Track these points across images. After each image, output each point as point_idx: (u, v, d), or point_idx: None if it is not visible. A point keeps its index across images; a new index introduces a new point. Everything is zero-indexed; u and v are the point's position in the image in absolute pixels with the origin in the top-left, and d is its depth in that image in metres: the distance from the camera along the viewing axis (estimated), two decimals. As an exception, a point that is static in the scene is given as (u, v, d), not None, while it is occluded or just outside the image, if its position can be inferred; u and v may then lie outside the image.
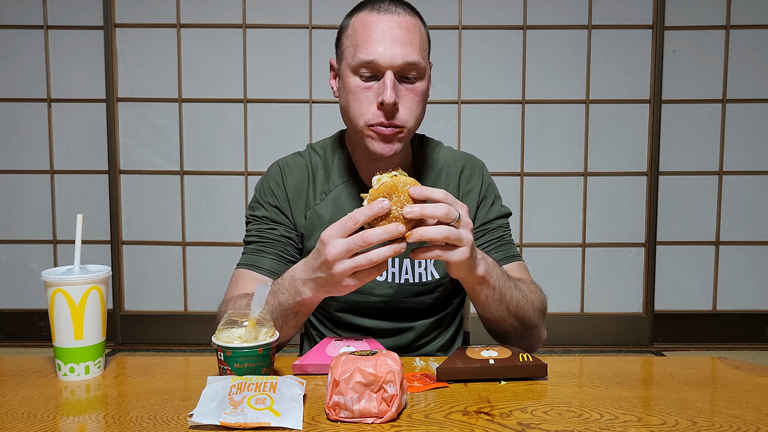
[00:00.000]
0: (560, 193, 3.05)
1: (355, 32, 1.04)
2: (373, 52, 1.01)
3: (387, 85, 1.01)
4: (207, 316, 3.02)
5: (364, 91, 1.03)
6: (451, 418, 0.79)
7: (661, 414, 0.81)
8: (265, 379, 0.80)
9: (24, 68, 3.00)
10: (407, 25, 1.02)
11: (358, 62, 1.02)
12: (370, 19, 1.02)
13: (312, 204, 1.16)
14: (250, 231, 1.17)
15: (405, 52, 1.01)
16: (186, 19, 2.98)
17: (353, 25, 1.05)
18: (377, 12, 1.03)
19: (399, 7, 1.04)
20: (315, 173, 1.18)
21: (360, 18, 1.04)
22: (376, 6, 1.04)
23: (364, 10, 1.05)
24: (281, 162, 1.21)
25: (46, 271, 0.94)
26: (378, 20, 1.02)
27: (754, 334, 3.08)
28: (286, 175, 1.17)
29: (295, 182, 1.17)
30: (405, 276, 1.15)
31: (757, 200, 3.05)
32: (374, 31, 1.01)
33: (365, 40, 1.01)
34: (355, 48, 1.03)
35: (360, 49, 1.02)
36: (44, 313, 2.98)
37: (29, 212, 3.06)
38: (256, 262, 1.13)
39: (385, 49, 1.00)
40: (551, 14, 2.97)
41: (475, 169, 1.22)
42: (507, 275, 1.04)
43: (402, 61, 1.01)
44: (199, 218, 3.06)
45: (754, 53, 2.98)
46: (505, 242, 1.18)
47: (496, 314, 1.03)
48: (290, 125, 3.02)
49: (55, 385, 0.92)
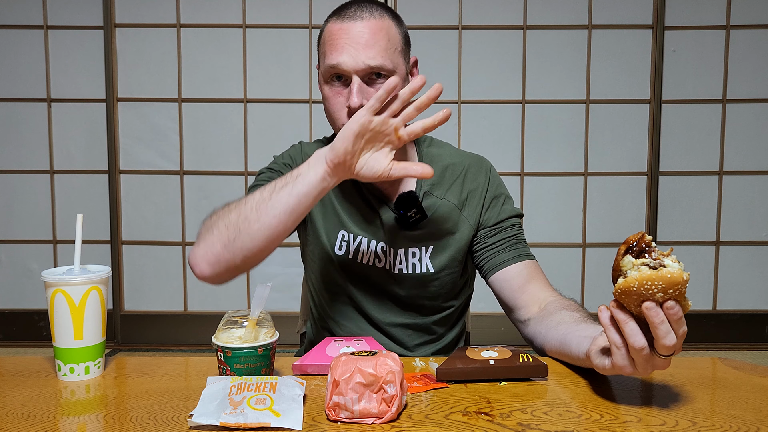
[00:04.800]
0: (560, 193, 3.05)
1: (324, 42, 1.09)
2: (337, 58, 1.05)
3: (352, 90, 1.05)
4: (207, 316, 3.02)
5: (336, 97, 1.09)
6: (451, 419, 0.79)
7: (661, 414, 0.81)
8: (265, 380, 0.80)
9: (24, 68, 3.00)
10: (371, 29, 1.06)
11: (325, 69, 1.08)
12: (335, 27, 1.07)
13: None
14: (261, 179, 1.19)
15: (367, 55, 1.04)
16: (186, 19, 2.98)
17: (323, 34, 1.11)
18: (341, 20, 1.07)
19: (365, 12, 1.07)
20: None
21: (328, 27, 1.09)
22: (342, 13, 1.09)
23: (332, 19, 1.10)
24: (304, 142, 1.27)
25: (46, 271, 0.94)
26: (342, 28, 1.06)
27: (754, 334, 3.08)
28: (305, 151, 1.22)
29: None
30: (399, 266, 1.16)
31: (757, 200, 3.05)
32: (338, 39, 1.06)
33: (331, 47, 1.07)
34: (324, 56, 1.09)
35: (327, 57, 1.07)
36: (44, 313, 2.98)
37: (29, 212, 3.06)
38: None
39: (348, 55, 1.05)
40: (551, 14, 2.97)
41: (481, 169, 1.22)
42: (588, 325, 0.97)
43: (364, 65, 1.05)
44: (199, 218, 3.04)
45: (754, 53, 2.98)
46: (518, 241, 1.18)
47: None
48: (290, 125, 3.02)
49: (55, 386, 0.92)
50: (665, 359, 0.76)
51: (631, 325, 0.74)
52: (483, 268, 1.18)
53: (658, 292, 0.70)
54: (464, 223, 1.18)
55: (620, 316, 0.75)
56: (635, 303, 0.72)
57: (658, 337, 0.73)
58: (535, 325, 1.07)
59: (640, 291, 0.71)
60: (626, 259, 0.73)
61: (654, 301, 0.71)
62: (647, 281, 0.70)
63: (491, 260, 1.16)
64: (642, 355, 0.75)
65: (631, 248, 0.74)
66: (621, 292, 0.72)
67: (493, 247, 1.17)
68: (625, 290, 0.72)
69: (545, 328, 1.03)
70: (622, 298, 0.73)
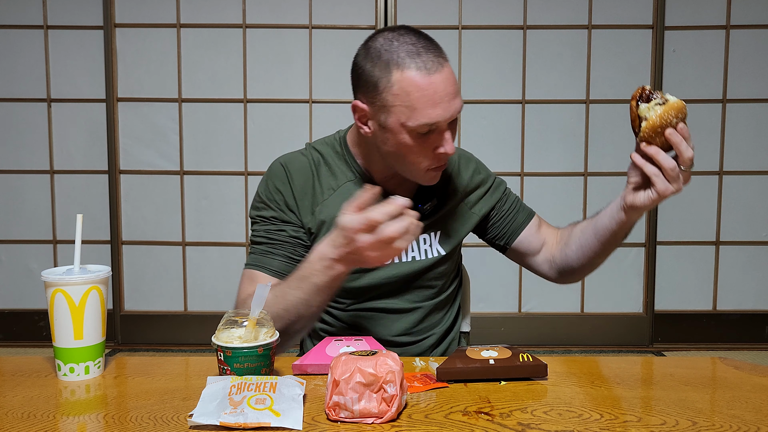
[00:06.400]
0: (560, 193, 3.05)
1: (407, 95, 1.02)
2: (435, 116, 1.02)
3: (447, 139, 1.06)
4: (207, 316, 3.02)
5: (422, 144, 1.06)
6: (451, 418, 0.79)
7: (661, 414, 0.81)
8: (265, 379, 0.80)
9: (24, 68, 3.00)
10: (451, 75, 1.04)
11: (419, 125, 1.03)
12: (423, 83, 1.01)
13: (320, 200, 1.17)
14: (258, 231, 1.18)
15: (456, 105, 1.05)
16: (186, 19, 2.98)
17: (402, 85, 1.02)
18: (427, 73, 1.01)
19: (439, 56, 1.04)
20: (318, 170, 1.19)
21: (409, 79, 1.02)
22: (423, 64, 1.02)
23: (410, 70, 1.02)
24: (283, 160, 1.21)
25: (46, 271, 0.94)
26: (431, 82, 1.01)
27: (754, 334, 3.08)
28: (291, 173, 1.18)
29: (301, 180, 1.18)
30: (411, 254, 1.20)
31: (757, 200, 3.05)
32: (432, 95, 1.02)
33: (424, 105, 1.02)
34: (411, 110, 1.03)
35: (420, 114, 1.02)
36: (44, 313, 2.96)
37: (29, 212, 3.06)
38: (265, 263, 1.14)
39: (444, 110, 1.03)
40: (551, 14, 2.97)
41: (468, 158, 1.30)
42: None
43: (456, 112, 1.05)
44: (199, 218, 3.06)
45: (754, 53, 2.98)
46: (520, 203, 1.32)
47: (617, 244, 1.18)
48: (290, 125, 3.02)
49: (55, 385, 0.92)
50: (687, 173, 0.98)
51: (662, 154, 0.97)
52: (504, 236, 1.29)
53: (673, 118, 0.94)
54: (464, 208, 1.26)
55: (651, 150, 0.97)
56: (659, 135, 0.95)
57: (681, 152, 0.96)
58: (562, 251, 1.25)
59: (662, 123, 0.94)
60: (642, 106, 0.96)
61: (672, 126, 0.94)
62: (664, 114, 0.94)
63: (511, 226, 1.29)
64: (674, 174, 0.97)
65: (641, 98, 0.97)
66: (649, 130, 0.95)
67: (507, 216, 1.29)
68: (651, 127, 0.95)
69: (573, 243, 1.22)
70: (649, 136, 0.96)
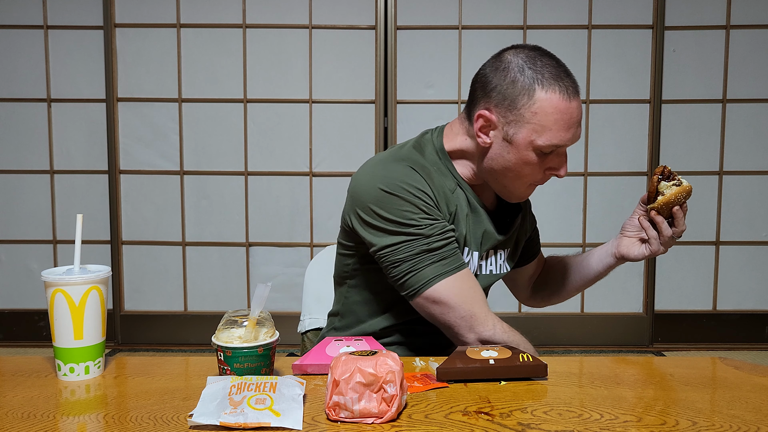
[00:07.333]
0: (560, 193, 3.05)
1: (546, 115, 1.06)
2: (564, 139, 1.08)
3: (564, 162, 1.13)
4: (207, 316, 3.02)
5: (539, 163, 1.10)
6: (451, 418, 0.79)
7: (661, 414, 0.81)
8: (265, 379, 0.80)
9: (24, 68, 3.00)
10: (581, 104, 1.10)
11: (547, 144, 1.07)
12: (564, 106, 1.06)
13: (450, 197, 1.14)
14: (434, 229, 1.08)
15: (581, 131, 1.12)
16: (186, 19, 2.98)
17: (543, 105, 1.05)
18: (568, 98, 1.06)
19: (575, 83, 1.09)
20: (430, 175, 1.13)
21: (551, 101, 1.05)
22: (565, 89, 1.06)
23: (554, 92, 1.06)
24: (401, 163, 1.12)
25: (46, 271, 0.94)
26: (569, 108, 1.07)
27: (754, 334, 3.08)
28: (421, 174, 1.11)
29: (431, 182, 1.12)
30: (489, 267, 1.24)
31: (757, 200, 3.05)
32: (568, 120, 1.07)
33: (559, 127, 1.07)
34: (544, 129, 1.06)
35: (552, 134, 1.07)
36: (44, 313, 2.97)
37: (29, 212, 3.06)
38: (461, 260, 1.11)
39: (573, 135, 1.09)
40: (551, 14, 2.97)
41: None
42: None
43: (578, 139, 1.11)
44: (199, 218, 3.06)
45: (754, 53, 2.98)
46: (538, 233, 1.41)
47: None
48: (290, 125, 3.02)
49: (55, 385, 0.92)
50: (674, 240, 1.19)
51: (665, 224, 1.17)
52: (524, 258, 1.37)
53: (682, 198, 1.15)
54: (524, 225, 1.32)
55: (659, 219, 1.17)
56: (667, 209, 1.16)
57: (678, 225, 1.17)
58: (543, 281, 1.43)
59: (674, 200, 1.15)
60: (662, 183, 1.16)
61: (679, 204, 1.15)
62: (677, 193, 1.14)
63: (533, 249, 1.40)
64: (669, 239, 1.18)
65: (662, 174, 1.16)
66: (663, 204, 1.15)
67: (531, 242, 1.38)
68: (666, 202, 1.15)
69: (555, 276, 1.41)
70: (661, 208, 1.16)
